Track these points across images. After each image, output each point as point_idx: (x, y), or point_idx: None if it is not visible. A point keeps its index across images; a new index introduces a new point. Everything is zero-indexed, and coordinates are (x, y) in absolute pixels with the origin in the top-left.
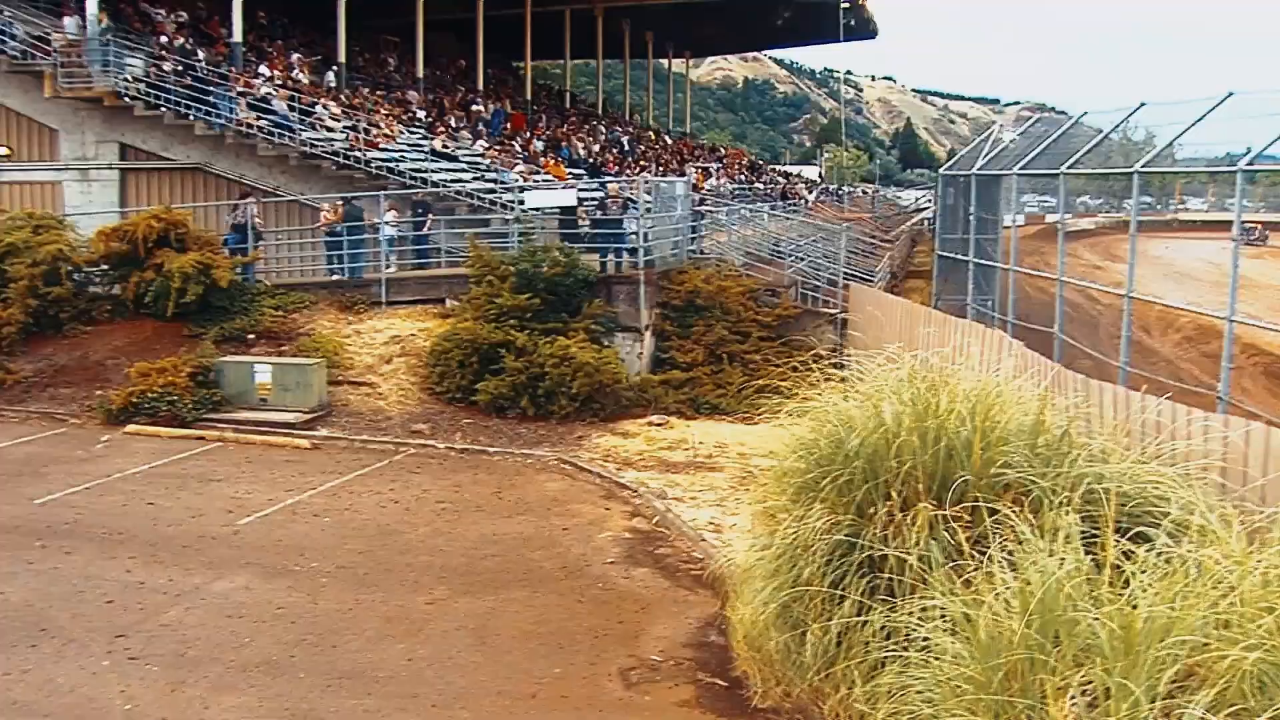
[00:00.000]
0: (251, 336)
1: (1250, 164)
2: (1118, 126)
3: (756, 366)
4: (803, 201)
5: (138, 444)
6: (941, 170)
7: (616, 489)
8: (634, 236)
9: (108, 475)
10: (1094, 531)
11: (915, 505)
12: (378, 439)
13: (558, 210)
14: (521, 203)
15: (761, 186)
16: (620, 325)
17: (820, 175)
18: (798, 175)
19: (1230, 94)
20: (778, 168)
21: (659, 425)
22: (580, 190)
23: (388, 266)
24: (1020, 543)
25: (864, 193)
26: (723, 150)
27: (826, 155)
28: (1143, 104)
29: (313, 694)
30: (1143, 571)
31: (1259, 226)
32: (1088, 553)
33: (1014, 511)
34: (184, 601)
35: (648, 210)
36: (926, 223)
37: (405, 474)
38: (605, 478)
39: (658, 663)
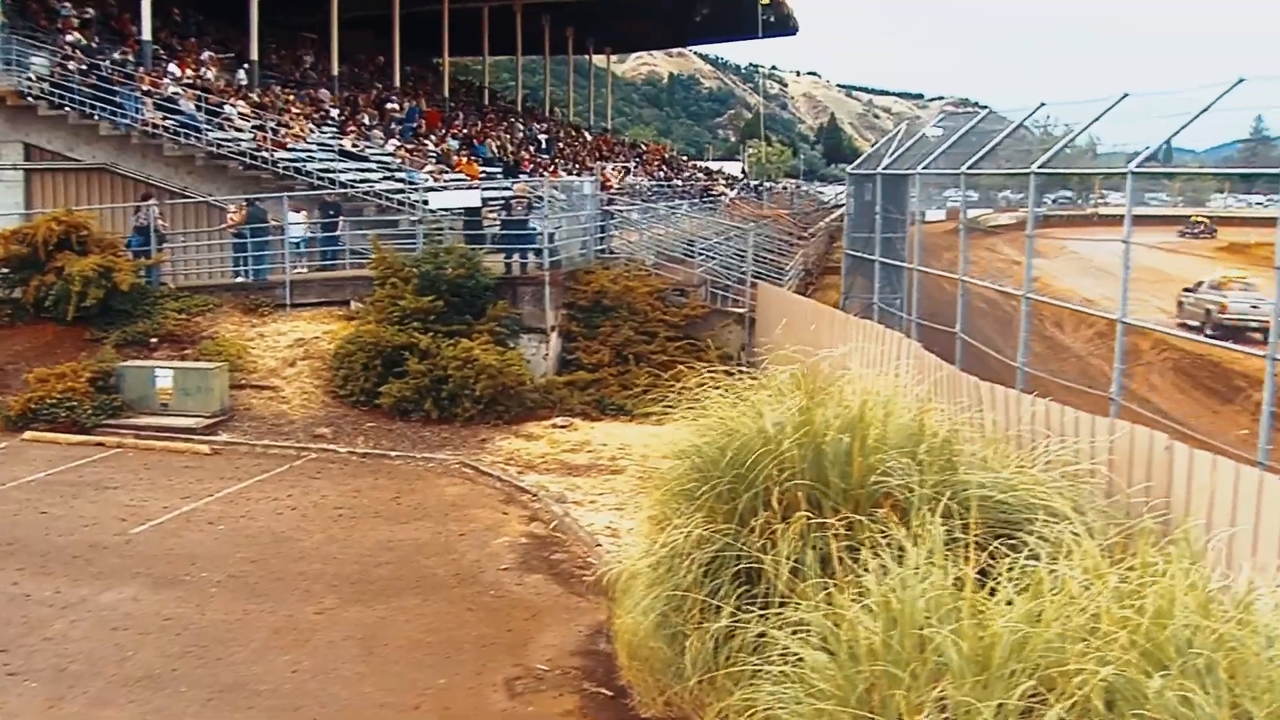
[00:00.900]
0: (154, 340)
1: (1140, 166)
2: (1014, 129)
3: (663, 367)
4: (723, 198)
5: (35, 451)
6: (850, 169)
7: (517, 493)
8: (540, 237)
9: (2, 484)
10: (974, 539)
11: (794, 514)
12: (279, 444)
13: (463, 211)
14: (426, 204)
15: (680, 183)
16: (525, 327)
17: (743, 171)
18: (719, 172)
19: (1126, 95)
20: (699, 164)
21: (563, 427)
22: (486, 191)
23: (295, 268)
24: (889, 554)
25: (784, 188)
26: (644, 147)
27: (750, 150)
28: (1042, 104)
29: (192, 708)
30: (1010, 582)
31: (1206, 221)
32: (968, 561)
33: (891, 521)
34: (70, 614)
35: (553, 210)
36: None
37: (305, 479)
38: (506, 481)
39: (544, 672)
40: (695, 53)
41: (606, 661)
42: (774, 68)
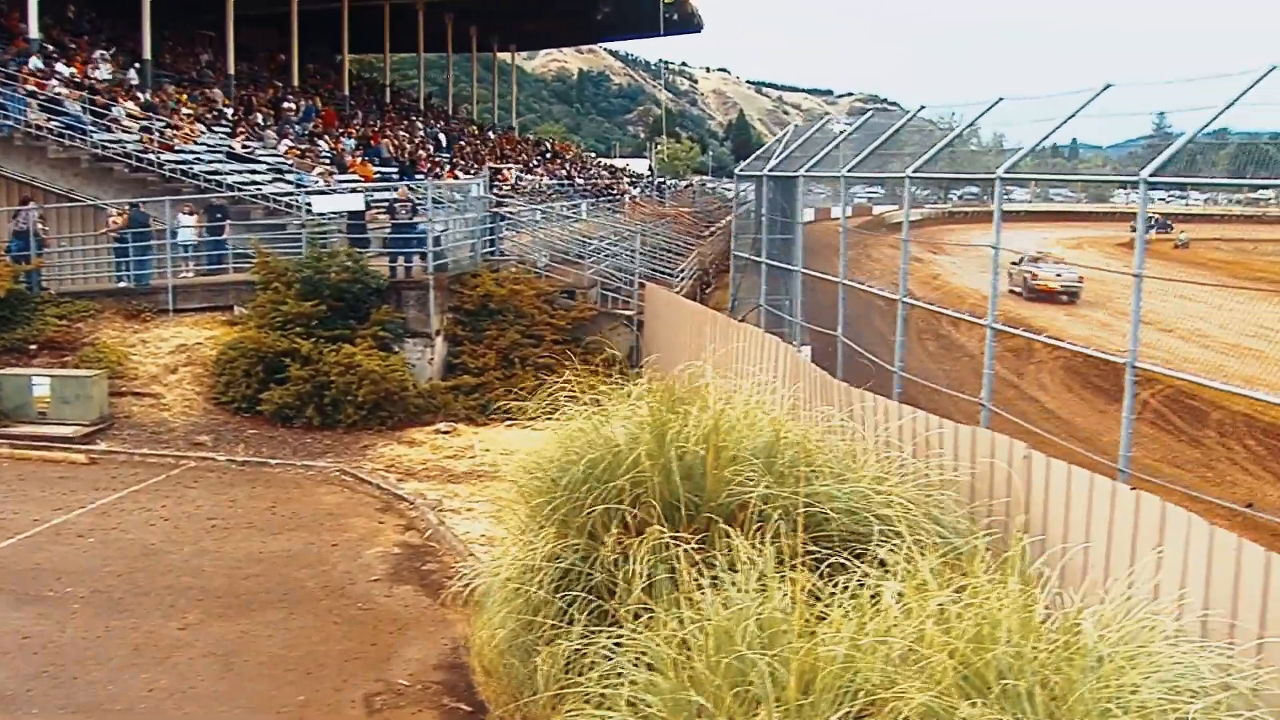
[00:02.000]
0: (33, 347)
1: (1008, 172)
2: (894, 133)
3: (549, 370)
4: (625, 197)
5: None
6: (739, 170)
7: (395, 501)
8: (426, 240)
9: None
10: (825, 552)
11: (647, 529)
12: (158, 452)
13: (346, 215)
14: (309, 207)
15: (583, 182)
16: (410, 331)
17: (650, 168)
18: (623, 169)
19: (1000, 99)
20: (605, 161)
21: (446, 433)
22: (370, 193)
23: (181, 273)
24: (729, 571)
25: (687, 186)
26: (548, 145)
27: (659, 147)
28: (923, 107)
29: None
30: (850, 600)
31: (1157, 216)
32: (821, 575)
33: (742, 535)
34: None
35: (439, 213)
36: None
37: (181, 489)
38: (384, 489)
39: (405, 688)
40: (606, 49)
41: (468, 676)
42: (684, 64)
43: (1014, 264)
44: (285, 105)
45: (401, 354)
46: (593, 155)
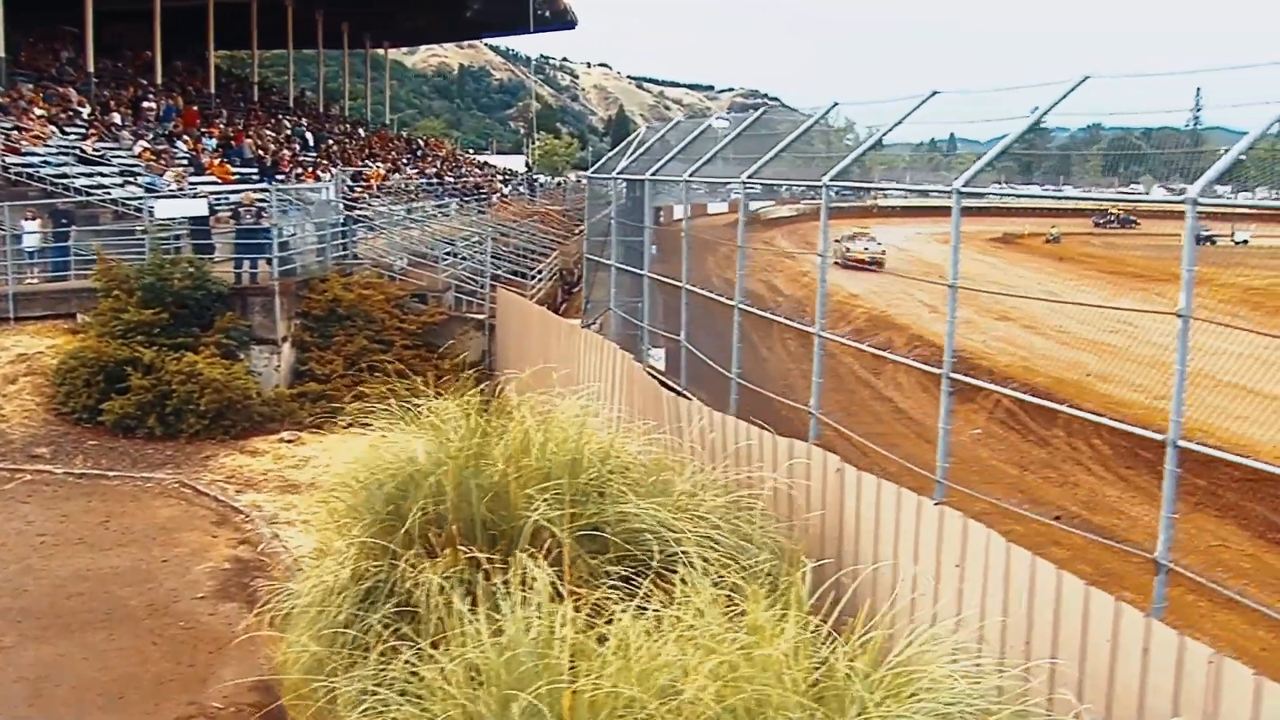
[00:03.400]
0: None
1: (833, 179)
2: (734, 138)
3: (399, 376)
4: (496, 195)
5: None
6: (590, 171)
7: (231, 514)
8: (271, 245)
9: None
10: (628, 572)
11: (447, 550)
12: None
13: (189, 220)
14: (152, 212)
15: (453, 180)
16: (256, 338)
17: (527, 164)
18: (493, 166)
19: (835, 104)
20: (479, 158)
21: (290, 442)
22: (223, 197)
23: (25, 279)
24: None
25: (559, 183)
26: (420, 142)
27: (537, 143)
28: (765, 110)
29: None
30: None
31: (1119, 212)
32: (625, 597)
33: (545, 557)
34: None
35: (287, 216)
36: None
37: (13, 504)
38: (222, 501)
39: (217, 710)
40: (487, 44)
41: (280, 698)
42: (565, 59)
43: (836, 241)
44: (145, 105)
45: (247, 361)
46: (471, 151)
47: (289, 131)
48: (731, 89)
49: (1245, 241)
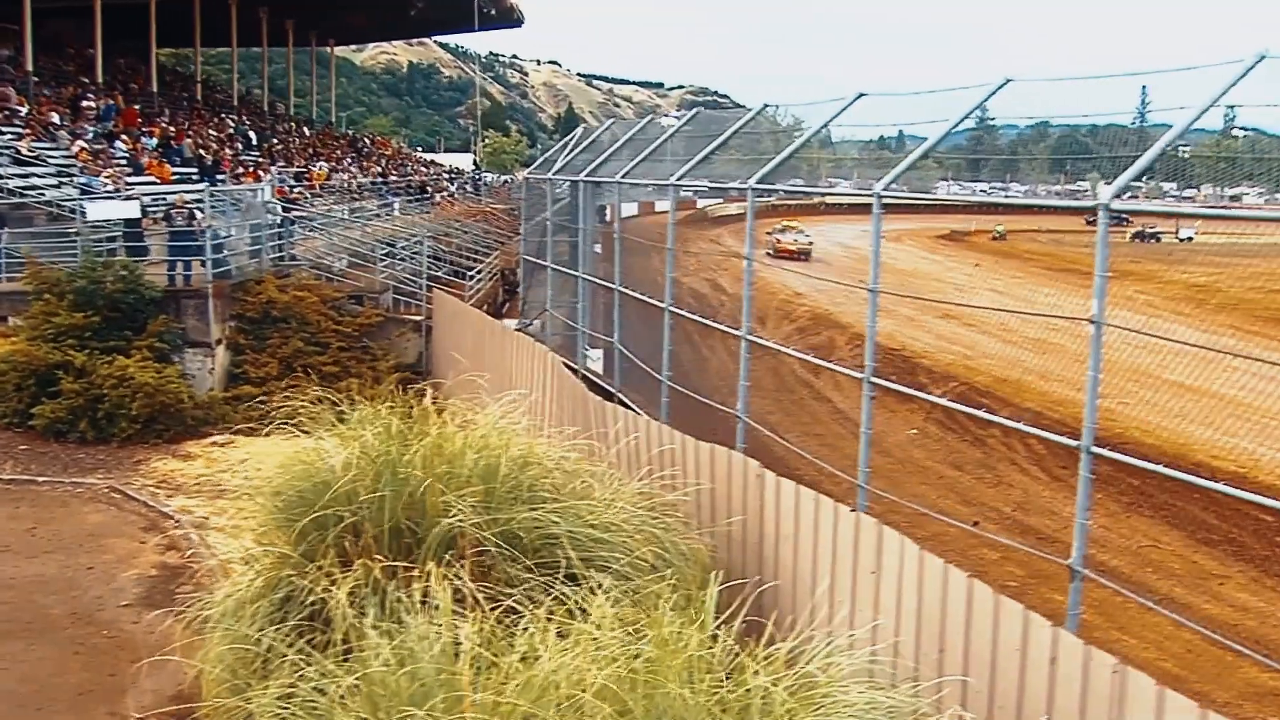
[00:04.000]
0: None
1: (759, 182)
2: (663, 142)
3: (335, 378)
4: (443, 194)
5: None
6: (526, 173)
7: (161, 519)
8: (205, 247)
9: None
10: (542, 580)
11: (366, 558)
12: None
13: (122, 222)
14: (84, 213)
15: (398, 179)
16: (190, 341)
17: (475, 162)
18: (441, 165)
19: (765, 106)
20: (426, 157)
21: (223, 446)
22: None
23: None
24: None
25: (505, 182)
26: (365, 141)
27: (486, 141)
28: (698, 111)
29: None
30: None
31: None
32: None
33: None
34: None
35: (221, 217)
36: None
37: None
38: (152, 507)
39: None
40: (437, 42)
41: (198, 709)
42: (515, 57)
43: (768, 234)
44: (85, 104)
45: (180, 365)
46: (419, 150)
47: (232, 130)
48: (681, 86)
49: (1190, 238)
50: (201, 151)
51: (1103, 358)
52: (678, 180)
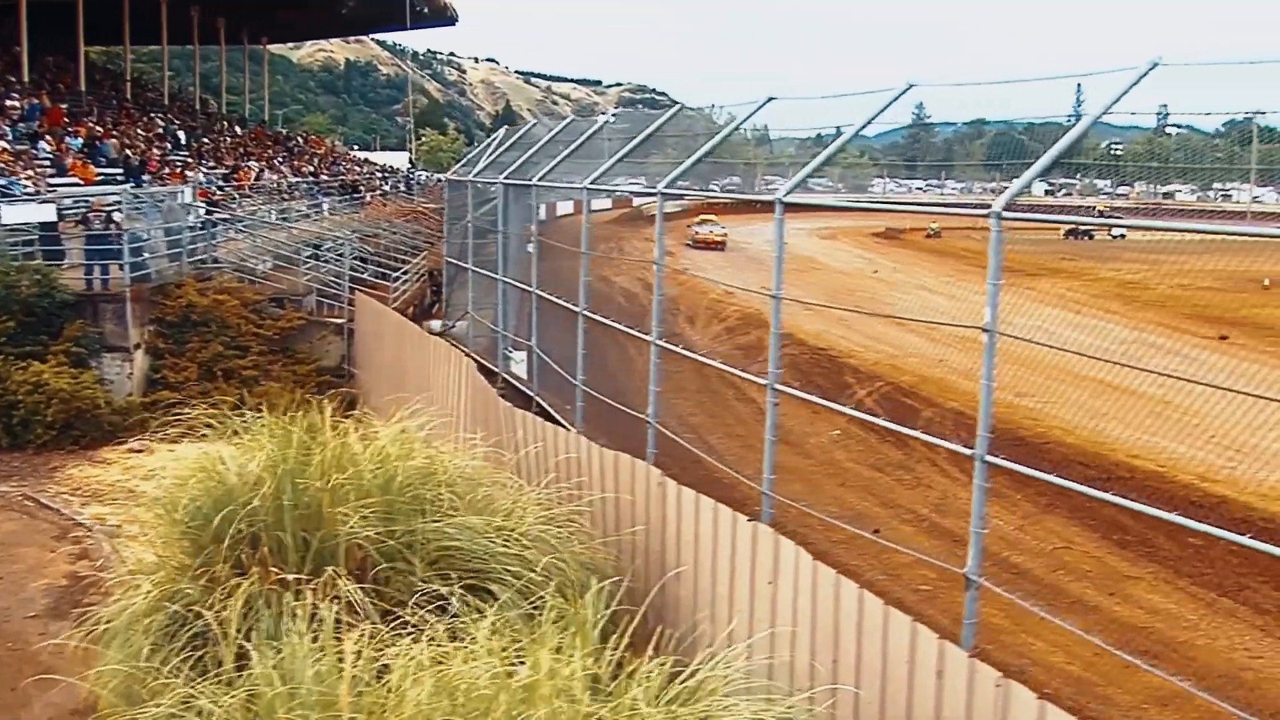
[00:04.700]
0: None
1: (669, 187)
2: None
3: (255, 382)
4: (375, 194)
5: None
6: (447, 175)
7: (72, 528)
8: (123, 250)
9: None
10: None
11: (262, 570)
12: None
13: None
14: None
15: (330, 178)
16: (108, 345)
17: (411, 161)
18: (375, 164)
19: (680, 107)
20: (360, 155)
21: (140, 452)
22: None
23: None
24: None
25: (438, 181)
26: (298, 139)
27: (422, 139)
28: (613, 114)
29: None
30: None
31: (1105, 209)
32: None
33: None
34: None
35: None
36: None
37: None
38: (65, 515)
39: None
40: (374, 39)
41: None
42: (452, 54)
43: (688, 226)
44: (8, 103)
45: (98, 370)
46: (355, 148)
47: (161, 130)
48: (619, 84)
49: (1122, 236)
50: (128, 152)
51: (1031, 356)
52: (591, 184)
